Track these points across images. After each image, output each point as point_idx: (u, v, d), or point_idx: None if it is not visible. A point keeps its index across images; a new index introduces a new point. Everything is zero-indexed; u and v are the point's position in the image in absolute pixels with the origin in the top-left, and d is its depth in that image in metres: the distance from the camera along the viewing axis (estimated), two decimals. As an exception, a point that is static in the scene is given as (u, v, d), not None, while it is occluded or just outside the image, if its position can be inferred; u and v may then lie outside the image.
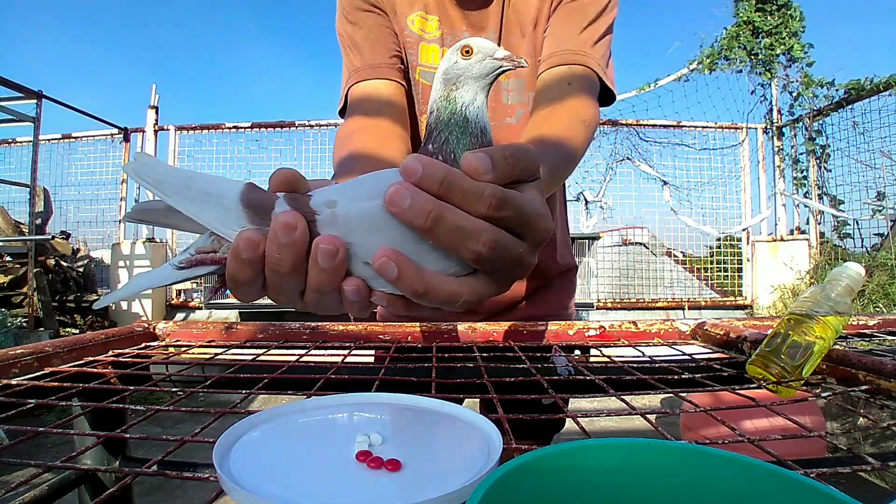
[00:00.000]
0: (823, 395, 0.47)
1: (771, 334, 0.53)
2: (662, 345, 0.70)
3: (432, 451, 0.31)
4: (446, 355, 0.65)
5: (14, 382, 0.51)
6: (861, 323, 0.75)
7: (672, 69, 4.76)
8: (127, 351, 0.67)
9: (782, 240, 4.51)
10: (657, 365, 0.61)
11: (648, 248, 4.89)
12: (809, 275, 4.25)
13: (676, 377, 0.55)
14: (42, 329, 3.51)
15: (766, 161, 4.71)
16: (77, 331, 3.96)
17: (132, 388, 0.52)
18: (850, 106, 4.12)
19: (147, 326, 0.75)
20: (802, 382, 0.49)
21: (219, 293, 0.33)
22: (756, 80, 4.64)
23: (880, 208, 3.90)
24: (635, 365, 0.59)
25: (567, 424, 0.58)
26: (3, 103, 3.64)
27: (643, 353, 0.65)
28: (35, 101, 3.79)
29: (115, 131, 4.81)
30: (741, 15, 4.56)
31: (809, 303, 0.52)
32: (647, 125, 4.79)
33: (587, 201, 4.84)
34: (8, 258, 3.86)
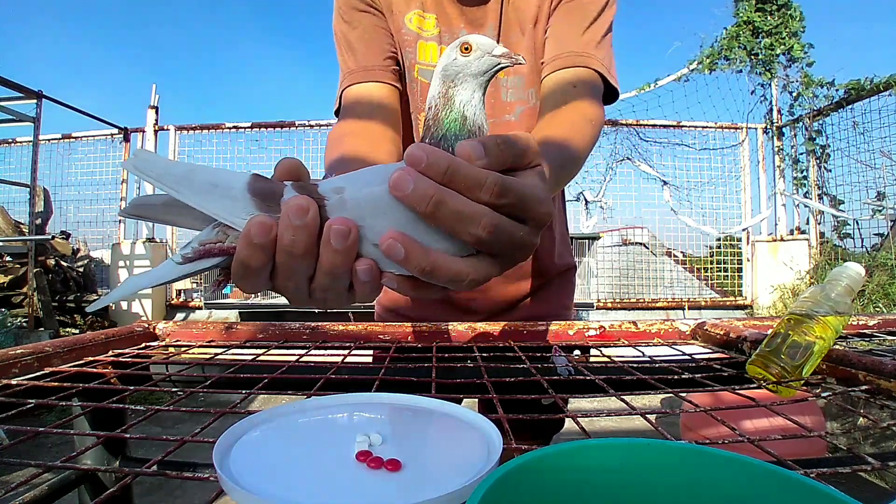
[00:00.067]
0: (823, 395, 0.47)
1: (771, 334, 0.53)
2: (662, 345, 0.70)
3: (432, 451, 0.32)
4: (446, 355, 0.65)
5: (14, 382, 0.51)
6: (861, 323, 0.75)
7: (672, 69, 4.77)
8: (127, 351, 0.67)
9: (782, 240, 4.51)
10: (657, 365, 0.61)
11: (648, 248, 4.89)
12: (809, 275, 4.25)
13: (676, 377, 0.55)
14: (42, 329, 3.51)
15: (766, 161, 4.71)
16: (77, 331, 3.97)
17: (132, 388, 0.52)
18: (850, 106, 4.12)
19: (147, 326, 0.75)
20: (802, 382, 0.49)
21: (222, 286, 0.33)
22: (756, 80, 4.65)
23: (880, 208, 3.90)
24: (635, 365, 0.59)
25: (567, 424, 0.58)
26: (3, 103, 3.64)
27: (643, 353, 0.65)
28: (35, 101, 3.79)
29: (115, 131, 4.81)
30: (741, 15, 4.56)
31: (809, 303, 0.52)
32: (647, 125, 4.79)
33: (587, 201, 4.84)
34: (8, 258, 3.86)
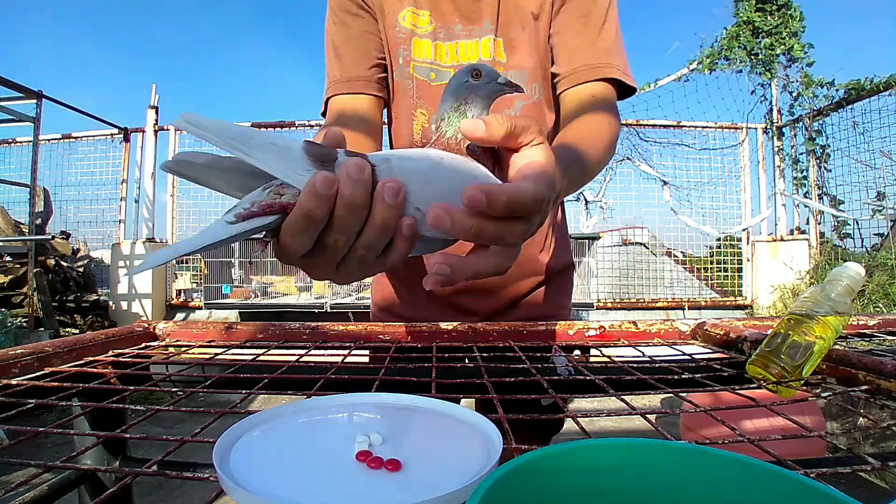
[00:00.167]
0: (823, 395, 0.47)
1: (771, 334, 0.53)
2: (662, 345, 0.70)
3: (432, 451, 0.31)
4: (446, 355, 0.65)
5: (14, 382, 0.51)
6: (861, 323, 0.75)
7: (672, 69, 4.77)
8: (127, 351, 0.67)
9: (782, 240, 4.51)
10: (657, 365, 0.61)
11: (648, 248, 4.89)
12: (809, 275, 4.25)
13: (676, 377, 0.55)
14: (42, 329, 3.51)
15: (766, 161, 4.71)
16: (77, 331, 3.97)
17: (132, 388, 0.52)
18: (850, 106, 4.12)
19: (147, 326, 0.75)
20: (802, 382, 0.49)
21: (265, 248, 0.33)
22: (756, 80, 4.65)
23: (880, 208, 3.90)
24: (635, 365, 0.59)
25: (567, 424, 0.58)
26: (3, 103, 3.64)
27: (643, 353, 0.65)
28: (35, 101, 3.79)
29: (115, 131, 4.82)
30: (741, 15, 4.56)
31: (809, 303, 0.52)
32: (647, 125, 4.79)
33: (587, 201, 4.84)
34: (8, 258, 3.87)
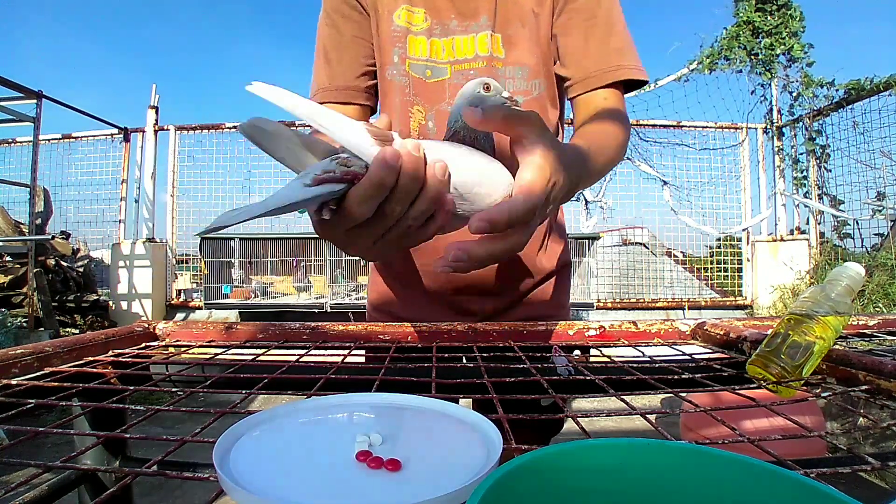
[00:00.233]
0: (823, 395, 0.47)
1: (771, 334, 0.53)
2: (662, 345, 0.70)
3: (432, 451, 0.31)
4: (446, 355, 0.65)
5: (14, 382, 0.51)
6: (861, 323, 0.75)
7: (672, 69, 4.76)
8: (127, 351, 0.67)
9: (782, 240, 4.51)
10: (657, 365, 0.61)
11: (648, 248, 4.89)
12: (809, 275, 4.25)
13: (676, 377, 0.55)
14: (42, 329, 3.51)
15: (766, 161, 4.71)
16: (77, 331, 3.97)
17: (132, 388, 0.52)
18: (850, 106, 4.12)
19: (147, 326, 0.75)
20: (802, 382, 0.49)
21: (331, 214, 0.38)
22: (756, 80, 4.64)
23: (880, 208, 3.90)
24: (635, 365, 0.59)
25: (567, 424, 0.58)
26: (3, 103, 3.64)
27: (643, 353, 0.65)
28: (35, 101, 3.79)
29: (115, 131, 4.81)
30: (741, 15, 4.56)
31: (809, 303, 0.52)
32: (647, 125, 4.79)
33: (587, 201, 4.83)
34: (8, 258, 3.86)
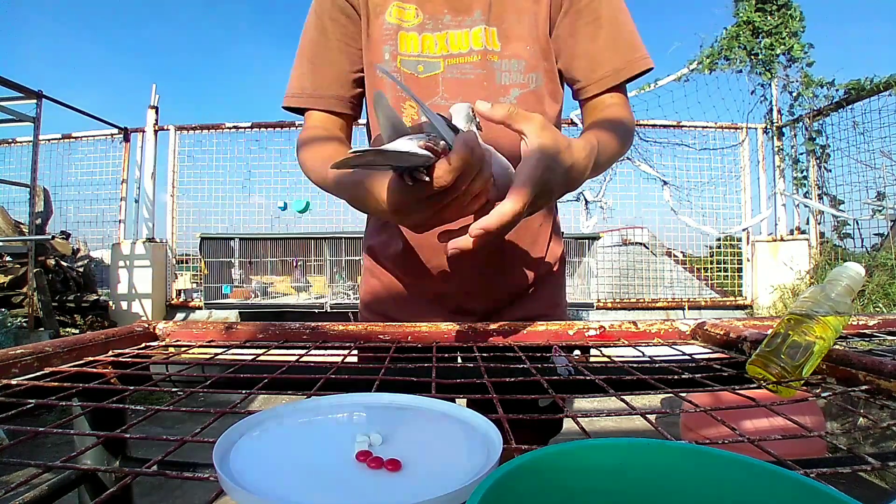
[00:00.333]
0: (823, 395, 0.47)
1: (771, 334, 0.53)
2: (662, 345, 0.70)
3: (432, 451, 0.31)
4: (446, 355, 0.65)
5: (14, 382, 0.51)
6: (861, 323, 0.75)
7: (672, 69, 4.75)
8: (127, 351, 0.67)
9: (782, 240, 4.51)
10: (657, 365, 0.61)
11: (648, 248, 4.89)
12: (809, 275, 4.25)
13: (676, 377, 0.55)
14: (42, 329, 3.51)
15: (766, 161, 4.70)
16: (77, 331, 3.97)
17: (132, 388, 0.52)
18: (850, 106, 4.11)
19: (147, 326, 0.75)
20: (802, 382, 0.49)
21: (417, 176, 0.43)
22: (756, 80, 4.63)
23: (880, 208, 3.90)
24: (635, 365, 0.59)
25: (567, 424, 0.58)
26: (3, 103, 3.64)
27: (643, 353, 0.65)
28: (35, 101, 3.78)
29: (115, 131, 4.81)
30: (741, 15, 4.55)
31: (809, 303, 0.52)
32: (647, 125, 4.78)
33: (587, 201, 4.83)
34: (8, 258, 3.86)
